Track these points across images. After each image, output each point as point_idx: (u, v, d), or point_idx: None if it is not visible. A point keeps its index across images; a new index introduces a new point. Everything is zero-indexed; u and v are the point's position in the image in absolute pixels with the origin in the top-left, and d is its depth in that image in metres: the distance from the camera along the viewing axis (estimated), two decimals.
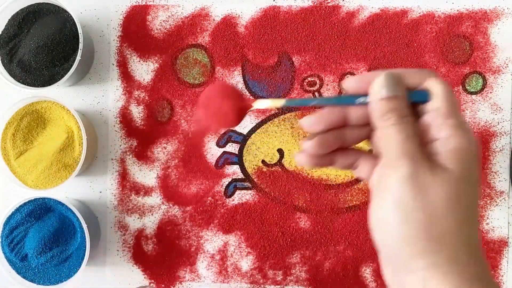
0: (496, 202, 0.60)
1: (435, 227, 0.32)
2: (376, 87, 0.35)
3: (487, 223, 0.60)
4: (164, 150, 0.62)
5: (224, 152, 0.62)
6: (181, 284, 0.62)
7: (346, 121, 0.37)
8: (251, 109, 0.40)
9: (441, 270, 0.32)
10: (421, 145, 0.34)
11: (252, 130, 0.62)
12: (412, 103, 0.35)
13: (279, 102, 0.39)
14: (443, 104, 0.34)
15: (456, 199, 0.32)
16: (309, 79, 0.61)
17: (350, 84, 0.37)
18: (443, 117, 0.34)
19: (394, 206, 0.33)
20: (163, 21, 0.62)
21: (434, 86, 0.34)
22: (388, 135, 0.34)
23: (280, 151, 0.61)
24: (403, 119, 0.34)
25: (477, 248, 0.33)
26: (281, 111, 0.61)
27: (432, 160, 0.34)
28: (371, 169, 0.37)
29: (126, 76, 0.62)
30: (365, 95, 0.35)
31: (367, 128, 0.37)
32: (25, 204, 0.58)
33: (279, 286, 0.61)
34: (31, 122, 0.59)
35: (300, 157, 0.38)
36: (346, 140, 0.37)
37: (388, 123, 0.34)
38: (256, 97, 0.61)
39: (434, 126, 0.34)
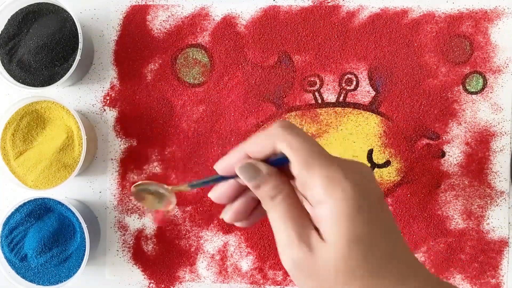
0: (496, 202, 0.60)
1: None
2: (241, 178, 0.35)
3: (488, 223, 0.60)
4: (164, 150, 0.62)
5: (224, 152, 0.61)
6: (181, 284, 0.62)
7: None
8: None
9: None
10: (301, 217, 0.34)
11: (252, 131, 0.61)
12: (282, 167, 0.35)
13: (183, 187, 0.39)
14: (296, 164, 0.33)
15: (343, 267, 0.32)
16: (309, 79, 0.61)
17: (220, 168, 0.37)
18: (303, 176, 0.33)
19: None
20: (163, 21, 0.62)
21: (282, 149, 0.34)
22: (271, 221, 0.35)
23: None
24: (274, 201, 0.34)
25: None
26: (281, 111, 0.61)
27: (315, 234, 0.33)
28: None
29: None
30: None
31: None
32: (24, 204, 0.58)
33: (279, 286, 0.61)
34: (31, 122, 0.59)
35: (232, 221, 0.39)
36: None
37: (267, 207, 0.35)
38: (256, 97, 0.61)
39: (304, 187, 0.34)
